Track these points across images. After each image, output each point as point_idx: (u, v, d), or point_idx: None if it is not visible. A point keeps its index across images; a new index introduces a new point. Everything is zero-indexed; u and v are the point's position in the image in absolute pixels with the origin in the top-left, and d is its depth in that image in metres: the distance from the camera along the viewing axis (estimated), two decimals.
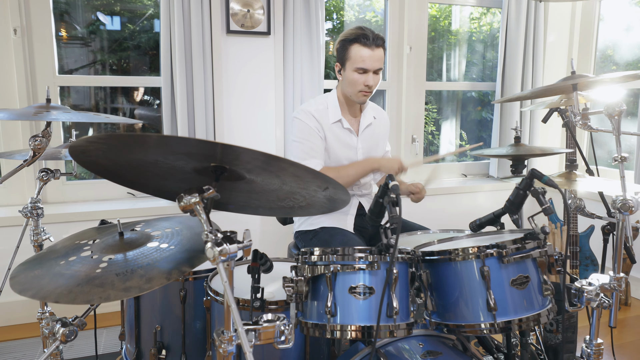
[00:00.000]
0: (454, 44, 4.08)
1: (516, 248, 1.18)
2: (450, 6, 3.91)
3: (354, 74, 1.90)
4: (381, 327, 1.11)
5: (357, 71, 1.90)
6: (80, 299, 1.01)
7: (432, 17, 4.10)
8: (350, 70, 1.91)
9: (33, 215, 1.56)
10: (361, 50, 1.88)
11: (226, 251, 0.91)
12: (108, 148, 0.95)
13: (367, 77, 1.90)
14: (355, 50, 1.89)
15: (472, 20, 4.15)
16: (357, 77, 1.90)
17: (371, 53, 1.88)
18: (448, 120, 4.24)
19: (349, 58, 1.90)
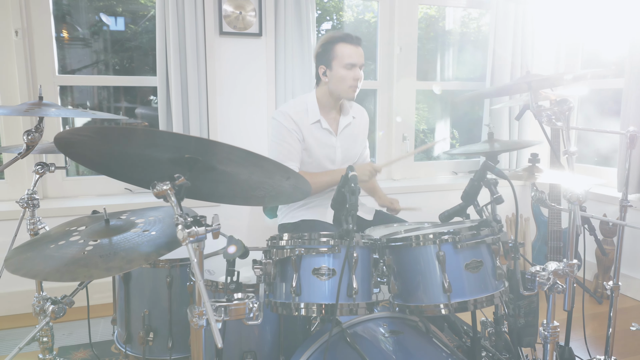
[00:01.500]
0: (450, 43, 4.17)
1: (470, 235, 1.28)
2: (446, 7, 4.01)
3: (342, 70, 2.01)
4: (342, 306, 1.21)
5: (346, 67, 2.01)
6: (66, 277, 1.12)
7: (431, 17, 4.19)
8: (338, 67, 2.02)
9: (29, 205, 1.67)
10: (347, 47, 2.01)
11: (194, 233, 1.01)
12: (90, 140, 1.05)
13: (355, 71, 2.02)
14: (341, 49, 2.01)
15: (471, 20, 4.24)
16: (345, 73, 2.01)
17: (356, 50, 2.02)
18: (441, 119, 4.33)
19: (336, 57, 2.02)
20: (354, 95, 2.07)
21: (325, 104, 2.12)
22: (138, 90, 3.56)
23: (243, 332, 1.48)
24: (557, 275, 1.40)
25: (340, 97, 2.09)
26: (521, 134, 3.69)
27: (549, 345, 1.48)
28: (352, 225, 1.16)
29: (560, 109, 1.34)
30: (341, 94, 2.06)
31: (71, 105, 3.54)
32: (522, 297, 1.71)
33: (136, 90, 3.59)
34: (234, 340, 1.48)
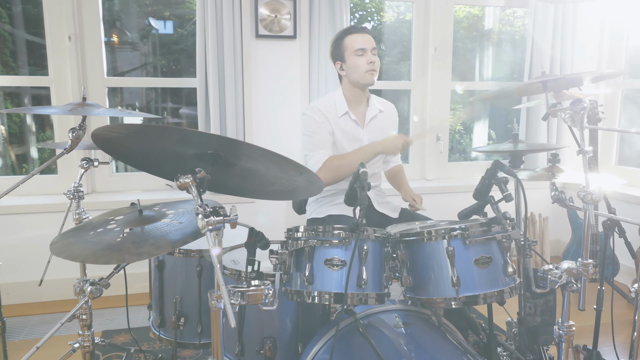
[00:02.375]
0: (489, 43, 4.14)
1: (479, 231, 1.31)
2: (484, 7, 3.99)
3: (355, 58, 2.09)
4: (352, 295, 1.27)
5: (357, 54, 2.09)
6: (101, 260, 1.24)
7: (475, 16, 4.17)
8: (350, 57, 2.10)
9: (75, 197, 1.83)
10: (354, 37, 2.11)
11: (212, 222, 1.10)
12: (123, 136, 1.17)
13: (368, 56, 2.09)
14: (348, 39, 2.11)
15: (513, 19, 4.19)
16: (358, 59, 2.09)
17: (362, 36, 2.11)
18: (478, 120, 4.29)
19: (346, 48, 2.11)
20: (372, 79, 2.12)
21: (351, 98, 2.19)
22: (183, 91, 3.74)
23: (264, 318, 1.57)
24: (571, 274, 1.42)
25: (361, 85, 2.15)
26: (560, 134, 3.62)
27: (563, 344, 1.49)
28: (361, 219, 1.22)
29: (574, 109, 1.35)
30: (360, 81, 2.13)
31: (121, 106, 3.78)
32: (538, 296, 1.71)
33: (182, 91, 3.77)
34: (255, 326, 1.57)
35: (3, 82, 3.15)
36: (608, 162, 3.66)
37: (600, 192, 1.34)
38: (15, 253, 2.89)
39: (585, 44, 3.68)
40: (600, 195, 1.34)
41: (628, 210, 3.21)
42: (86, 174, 3.13)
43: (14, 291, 2.89)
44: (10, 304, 2.88)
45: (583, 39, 3.66)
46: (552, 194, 1.60)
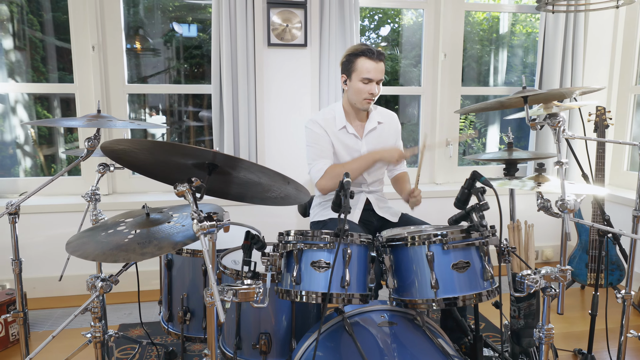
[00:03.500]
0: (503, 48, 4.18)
1: (458, 237, 1.40)
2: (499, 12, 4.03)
3: (359, 83, 2.16)
4: (337, 295, 1.37)
5: (363, 81, 2.15)
6: (109, 259, 1.38)
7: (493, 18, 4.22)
8: (356, 80, 2.17)
9: (92, 199, 1.98)
10: (367, 62, 2.14)
11: (206, 226, 1.22)
12: (129, 149, 1.30)
13: (372, 86, 2.15)
14: (361, 63, 2.15)
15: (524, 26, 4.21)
16: (362, 86, 2.16)
17: (375, 65, 2.14)
18: (490, 125, 4.33)
19: (355, 70, 2.16)
20: (368, 106, 2.21)
21: (349, 111, 2.28)
22: (204, 95, 3.90)
23: (261, 315, 1.69)
24: (549, 279, 1.48)
25: (355, 106, 2.24)
26: None
27: (543, 346, 1.55)
28: (343, 225, 1.32)
29: (551, 122, 1.42)
30: (356, 104, 2.22)
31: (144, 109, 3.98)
32: (522, 299, 1.78)
33: (203, 95, 3.92)
34: (253, 322, 1.69)
35: (31, 89, 3.36)
36: (619, 168, 3.66)
37: (577, 202, 1.41)
38: (40, 250, 3.08)
39: (597, 51, 3.68)
40: (576, 205, 1.41)
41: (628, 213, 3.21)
42: (107, 176, 3.32)
43: (39, 285, 3.09)
44: (35, 297, 3.08)
45: (595, 45, 3.67)
46: (538, 202, 1.67)
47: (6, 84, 3.30)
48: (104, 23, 3.22)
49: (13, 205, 1.58)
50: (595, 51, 3.68)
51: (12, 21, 3.51)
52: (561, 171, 1.42)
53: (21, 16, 3.47)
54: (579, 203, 1.42)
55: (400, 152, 2.10)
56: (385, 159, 2.12)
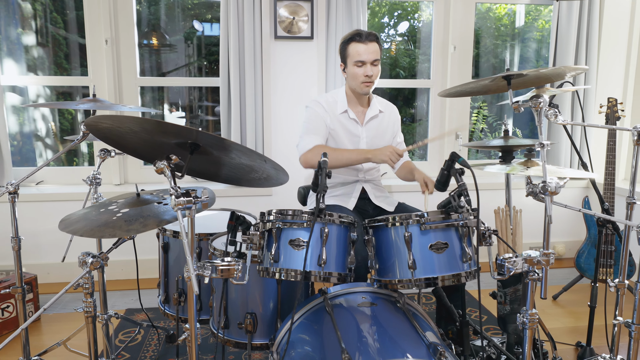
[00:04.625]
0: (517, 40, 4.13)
1: (436, 218, 1.40)
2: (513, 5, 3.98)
3: (354, 68, 2.18)
4: (314, 273, 1.39)
5: (357, 64, 2.17)
6: (96, 235, 1.43)
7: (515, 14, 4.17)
8: (351, 65, 2.19)
9: (93, 183, 2.05)
10: (357, 46, 2.16)
11: (182, 202, 1.26)
12: (112, 127, 1.35)
13: (366, 68, 2.17)
14: (352, 48, 2.18)
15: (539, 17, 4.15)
16: (357, 70, 2.18)
17: (366, 47, 2.16)
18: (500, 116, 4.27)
19: (349, 55, 2.19)
20: (367, 90, 2.22)
21: (352, 98, 2.30)
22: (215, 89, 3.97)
23: (248, 296, 1.72)
24: (532, 263, 1.47)
25: (356, 92, 2.25)
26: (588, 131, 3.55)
27: (527, 331, 1.54)
28: (318, 204, 1.34)
29: (533, 103, 1.40)
30: (356, 89, 2.23)
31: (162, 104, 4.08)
32: (508, 285, 1.76)
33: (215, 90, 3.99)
34: (239, 302, 1.72)
35: (47, 82, 3.48)
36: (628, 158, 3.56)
37: (559, 185, 1.39)
38: (55, 236, 3.20)
39: (612, 41, 3.59)
40: (558, 187, 1.39)
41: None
42: (119, 167, 3.41)
43: (53, 271, 3.20)
44: (48, 282, 3.19)
45: (610, 36, 3.58)
46: (527, 187, 1.65)
47: (25, 77, 3.42)
48: (117, 18, 3.31)
49: (13, 185, 1.66)
50: (611, 42, 3.59)
51: (35, 19, 3.64)
52: (543, 153, 1.40)
53: (45, 14, 3.60)
54: (561, 186, 1.40)
55: (391, 151, 2.05)
56: (376, 158, 2.07)
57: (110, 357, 2.05)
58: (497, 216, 1.88)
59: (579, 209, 1.52)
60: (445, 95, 1.66)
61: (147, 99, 3.98)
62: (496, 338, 2.21)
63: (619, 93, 3.62)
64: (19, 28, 3.52)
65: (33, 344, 2.44)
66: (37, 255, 3.20)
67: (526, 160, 1.66)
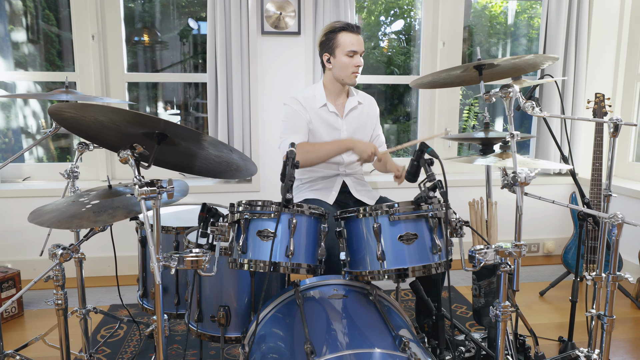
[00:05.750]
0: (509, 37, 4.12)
1: (406, 209, 1.38)
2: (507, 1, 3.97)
3: (345, 58, 2.17)
4: (282, 264, 1.38)
5: (348, 54, 2.16)
6: (63, 226, 1.42)
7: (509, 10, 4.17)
8: (341, 55, 2.17)
9: (70, 177, 2.03)
10: (349, 36, 2.15)
11: (146, 192, 1.25)
12: (77, 116, 1.33)
13: (357, 58, 2.16)
14: (343, 38, 2.16)
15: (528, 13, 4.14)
16: (348, 60, 2.16)
17: (357, 38, 2.16)
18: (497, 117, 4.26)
19: (339, 45, 2.17)
20: (355, 80, 2.21)
21: (331, 90, 2.28)
22: None
23: (223, 288, 1.71)
24: (503, 255, 1.45)
25: (343, 83, 2.23)
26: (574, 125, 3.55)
27: (500, 324, 1.52)
28: (284, 195, 1.33)
29: (503, 92, 1.39)
30: (344, 80, 2.21)
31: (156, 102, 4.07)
32: (482, 277, 1.74)
33: None
34: (213, 295, 1.71)
35: (34, 77, 3.46)
36: (625, 159, 3.55)
37: (530, 175, 1.38)
38: (42, 232, 3.17)
39: (602, 37, 3.57)
40: (529, 178, 1.38)
41: (632, 205, 3.12)
42: (106, 163, 3.39)
43: (39, 267, 3.19)
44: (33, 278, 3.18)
45: (600, 32, 3.56)
46: (502, 179, 1.64)
47: (11, 73, 3.41)
48: (104, 13, 3.30)
49: None
50: (600, 37, 3.58)
51: (25, 15, 3.64)
52: (512, 143, 1.39)
53: (37, 11, 3.59)
54: (531, 176, 1.39)
55: (373, 149, 2.04)
56: (357, 148, 2.06)
57: (88, 352, 2.04)
58: (472, 208, 1.87)
59: (552, 200, 1.51)
60: (417, 85, 1.64)
61: (142, 97, 3.98)
62: (479, 333, 2.20)
63: (608, 88, 3.60)
64: (9, 25, 3.51)
65: (15, 339, 2.43)
66: (24, 251, 3.19)
67: (502, 153, 1.64)
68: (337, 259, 1.54)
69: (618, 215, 1.52)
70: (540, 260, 3.65)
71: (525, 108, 1.67)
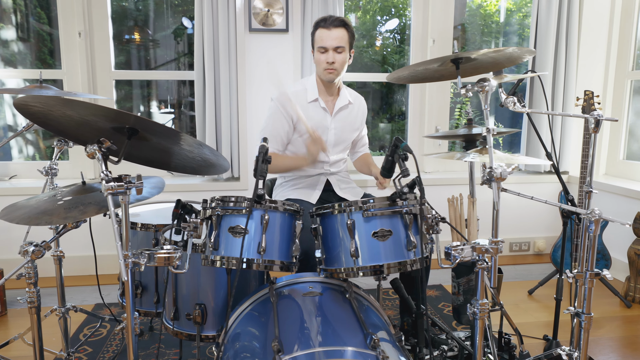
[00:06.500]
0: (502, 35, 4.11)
1: (380, 205, 1.36)
2: None
3: (317, 53, 2.16)
4: (254, 260, 1.36)
5: (320, 50, 2.14)
6: (32, 222, 1.40)
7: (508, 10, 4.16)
8: (316, 51, 2.17)
9: (49, 174, 2.01)
10: (321, 32, 2.14)
11: (113, 187, 1.22)
12: (44, 109, 1.31)
13: (328, 55, 2.13)
14: (317, 34, 2.15)
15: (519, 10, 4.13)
16: (319, 56, 2.16)
17: (328, 33, 2.12)
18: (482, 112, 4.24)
19: (315, 41, 2.17)
20: (330, 77, 2.17)
21: (322, 86, 2.26)
22: None
23: (199, 286, 1.68)
24: (480, 251, 1.43)
25: (322, 79, 2.22)
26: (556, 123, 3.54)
27: (478, 321, 1.50)
28: (255, 190, 1.30)
29: (479, 86, 1.37)
30: (320, 76, 2.20)
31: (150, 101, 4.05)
32: (461, 275, 1.72)
33: None
34: (190, 292, 1.69)
35: (19, 75, 3.44)
36: (615, 157, 3.53)
37: (506, 171, 1.35)
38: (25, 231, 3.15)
39: (592, 35, 3.55)
40: (504, 173, 1.35)
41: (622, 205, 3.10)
42: (93, 162, 3.36)
43: None
44: None
45: (591, 29, 3.54)
46: (482, 176, 1.62)
47: (1, 71, 3.38)
48: (90, 10, 3.27)
49: None
50: (591, 35, 3.55)
51: (15, 13, 3.61)
52: (489, 138, 1.37)
53: (28, 9, 3.57)
54: (507, 172, 1.37)
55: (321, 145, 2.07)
56: (312, 157, 2.10)
57: (66, 351, 2.01)
58: (451, 205, 1.85)
59: (531, 196, 1.48)
60: (394, 79, 1.62)
61: (135, 96, 3.95)
62: (465, 332, 2.18)
63: (599, 86, 3.58)
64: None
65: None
66: (9, 250, 3.17)
67: (482, 149, 1.62)
68: (312, 254, 1.52)
69: (595, 211, 1.50)
70: (531, 259, 3.63)
71: (506, 104, 1.65)
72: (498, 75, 1.74)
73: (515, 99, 1.66)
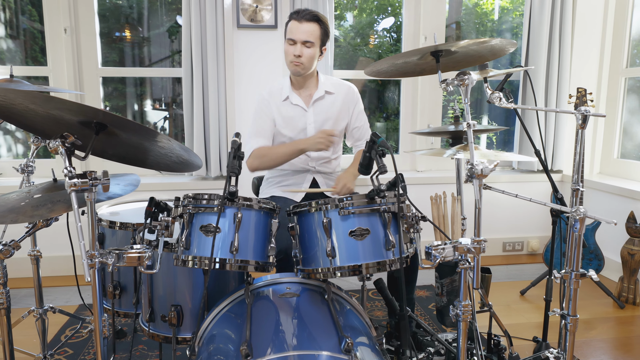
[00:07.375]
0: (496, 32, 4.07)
1: (358, 203, 1.31)
2: None
3: (286, 45, 2.12)
4: (228, 261, 1.31)
5: (289, 42, 2.10)
6: None
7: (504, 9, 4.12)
8: (285, 42, 2.13)
9: (25, 171, 1.96)
10: (292, 24, 2.10)
11: (76, 184, 1.17)
12: (6, 102, 1.26)
13: (295, 47, 2.08)
14: (289, 25, 2.12)
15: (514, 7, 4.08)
16: (288, 47, 2.11)
17: (298, 25, 2.07)
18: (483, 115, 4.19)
19: (285, 32, 2.14)
20: (297, 70, 2.12)
21: (295, 81, 2.21)
22: None
23: (176, 287, 1.63)
24: (462, 251, 1.39)
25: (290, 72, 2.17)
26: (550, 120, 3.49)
27: (461, 323, 1.45)
28: (226, 187, 1.25)
29: (459, 80, 1.32)
30: (288, 68, 2.15)
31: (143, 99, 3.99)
32: (444, 276, 1.67)
33: None
34: (166, 293, 1.63)
35: (5, 72, 3.38)
36: (610, 155, 3.48)
37: (487, 167, 1.31)
38: (10, 230, 3.11)
39: (586, 31, 3.51)
40: (486, 170, 1.31)
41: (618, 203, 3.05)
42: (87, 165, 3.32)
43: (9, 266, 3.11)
44: None
45: (584, 26, 3.50)
46: (465, 173, 1.57)
47: None
48: (76, 6, 3.22)
49: None
50: (585, 32, 3.51)
51: (4, 10, 3.56)
52: (469, 133, 1.32)
53: (18, 6, 3.51)
54: (489, 169, 1.32)
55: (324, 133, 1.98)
56: (310, 148, 2.02)
57: (43, 352, 1.96)
58: (434, 204, 1.80)
59: (515, 194, 1.44)
60: (373, 73, 1.57)
61: (129, 94, 3.90)
62: (453, 333, 2.13)
63: (593, 83, 3.54)
64: None
65: None
66: None
67: (465, 145, 1.58)
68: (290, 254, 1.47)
69: (580, 209, 1.45)
70: (525, 259, 3.59)
71: (492, 99, 1.61)
72: (483, 70, 1.69)
73: (501, 94, 1.61)
